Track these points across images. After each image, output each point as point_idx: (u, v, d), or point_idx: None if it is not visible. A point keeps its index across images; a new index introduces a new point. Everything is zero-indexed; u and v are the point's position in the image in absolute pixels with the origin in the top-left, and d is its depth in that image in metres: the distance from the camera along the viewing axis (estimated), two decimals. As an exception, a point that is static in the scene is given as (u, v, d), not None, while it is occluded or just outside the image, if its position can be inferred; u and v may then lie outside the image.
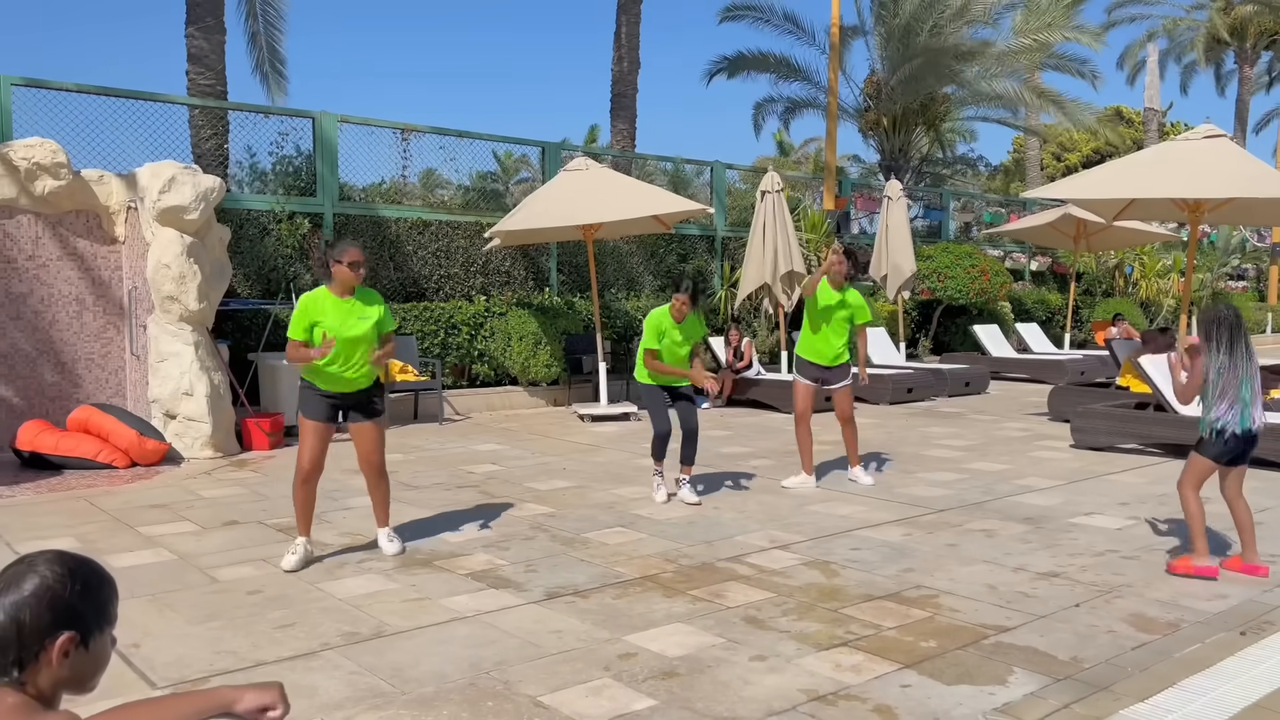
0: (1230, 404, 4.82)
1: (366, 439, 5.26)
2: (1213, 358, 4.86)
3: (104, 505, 6.57)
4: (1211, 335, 4.88)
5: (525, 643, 4.01)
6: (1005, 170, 47.50)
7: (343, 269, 5.02)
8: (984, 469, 7.88)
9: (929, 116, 19.92)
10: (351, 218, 11.24)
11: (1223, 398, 4.83)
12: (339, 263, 5.02)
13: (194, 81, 12.63)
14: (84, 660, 1.63)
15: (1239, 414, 4.82)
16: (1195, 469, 4.96)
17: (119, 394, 8.76)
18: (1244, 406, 4.82)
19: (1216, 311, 4.93)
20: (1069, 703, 3.42)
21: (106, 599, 1.67)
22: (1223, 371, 4.83)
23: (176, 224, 8.36)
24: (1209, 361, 4.87)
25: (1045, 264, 21.33)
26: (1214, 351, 4.86)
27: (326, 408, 5.13)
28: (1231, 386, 4.82)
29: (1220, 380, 4.84)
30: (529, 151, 14.31)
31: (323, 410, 5.12)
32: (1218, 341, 4.85)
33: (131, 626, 4.19)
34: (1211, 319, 4.91)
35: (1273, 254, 26.46)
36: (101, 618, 1.66)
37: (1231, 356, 4.83)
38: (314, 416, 5.11)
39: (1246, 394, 4.83)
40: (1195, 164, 8.65)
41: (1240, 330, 4.88)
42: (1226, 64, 38.55)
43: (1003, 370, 15.28)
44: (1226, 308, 4.95)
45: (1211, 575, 4.84)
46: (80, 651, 1.62)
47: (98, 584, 1.66)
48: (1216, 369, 4.84)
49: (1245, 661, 3.80)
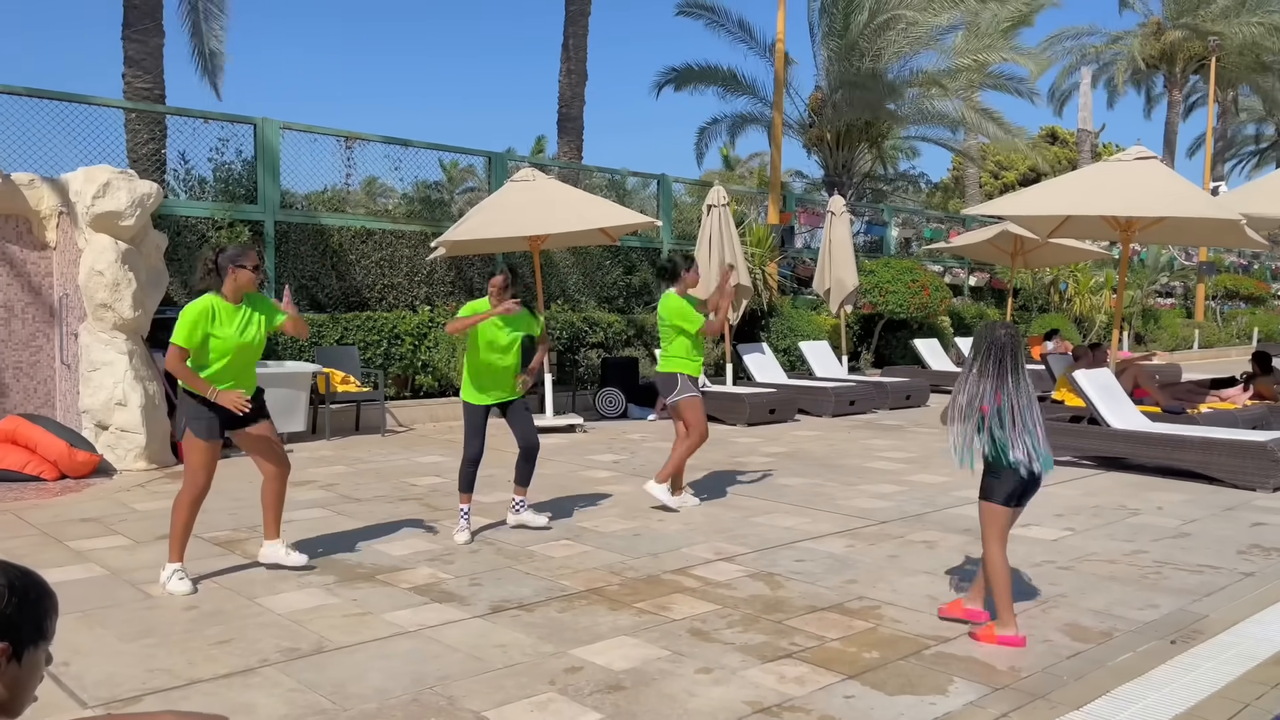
0: (1023, 438, 4.18)
1: (266, 434, 5.04)
2: (980, 380, 4.21)
3: (32, 519, 6.37)
4: (978, 355, 4.22)
5: (469, 657, 3.97)
6: (945, 187, 48.49)
7: (246, 273, 4.82)
8: (925, 481, 8.00)
9: (871, 134, 20.26)
10: (293, 226, 11.07)
11: (1016, 428, 4.17)
12: (242, 267, 4.80)
13: (130, 85, 12.36)
14: (15, 675, 1.58)
15: (1012, 448, 4.18)
16: (992, 521, 4.22)
17: (48, 404, 8.51)
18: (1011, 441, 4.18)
19: (985, 330, 4.25)
20: (1007, 711, 3.48)
21: (45, 613, 1.62)
22: (990, 399, 4.17)
23: (111, 230, 8.16)
24: (977, 385, 4.22)
25: (983, 280, 21.78)
26: (983, 374, 4.20)
27: (218, 425, 4.85)
28: (1022, 417, 4.17)
29: (977, 401, 4.21)
30: (475, 161, 14.24)
31: (215, 428, 4.83)
32: (983, 362, 4.20)
33: (61, 644, 4.06)
34: (978, 338, 4.26)
35: (1199, 272, 27.33)
36: (38, 633, 1.60)
37: (999, 378, 4.17)
38: (207, 435, 4.80)
39: (1010, 426, 4.17)
40: (1127, 184, 8.91)
41: (1009, 350, 4.18)
42: (1155, 87, 39.84)
43: (942, 383, 15.54)
44: (997, 326, 4.23)
45: (1018, 645, 4.12)
46: (12, 665, 1.57)
47: (37, 597, 1.61)
48: (973, 387, 4.22)
49: (1176, 669, 3.90)
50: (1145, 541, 6.00)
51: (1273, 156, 44.41)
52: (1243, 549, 5.86)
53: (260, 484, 5.29)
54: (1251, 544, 5.99)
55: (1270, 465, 7.62)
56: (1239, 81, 37.60)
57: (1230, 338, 26.13)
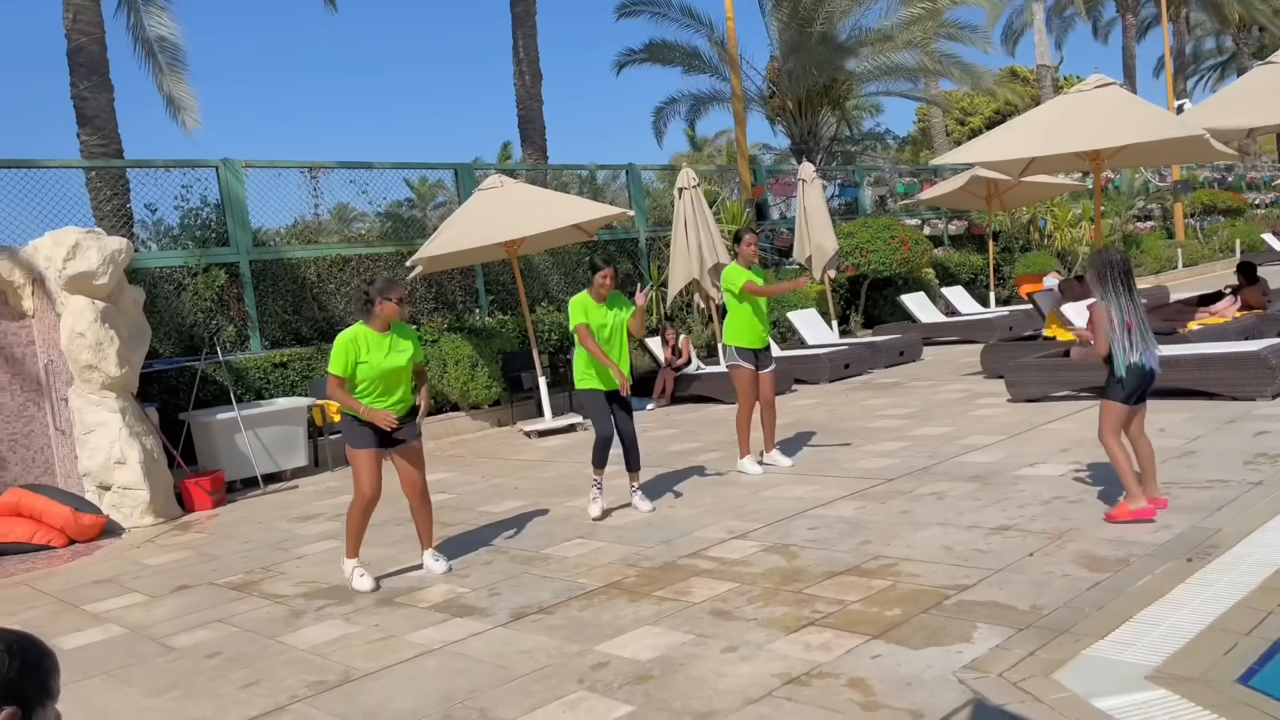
0: (1136, 342, 4.90)
1: (411, 461, 5.46)
2: (1111, 300, 4.91)
3: (45, 588, 6.36)
4: (1105, 278, 4.93)
5: (496, 667, 3.98)
6: (913, 140, 48.48)
7: (391, 305, 5.29)
8: (927, 434, 8.02)
9: (833, 96, 20.22)
10: (268, 263, 11.04)
11: (1128, 337, 4.89)
12: (388, 300, 5.28)
13: (86, 144, 12.30)
14: None
15: (1147, 349, 4.90)
16: (1111, 416, 4.99)
17: (48, 472, 8.48)
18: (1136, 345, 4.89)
19: (1107, 256, 4.98)
20: (1034, 650, 3.50)
21: (48, 673, 1.62)
22: (1125, 312, 4.90)
23: (86, 291, 8.12)
24: (1108, 304, 4.92)
25: (962, 227, 21.79)
26: (1110, 294, 4.92)
27: (373, 436, 5.32)
28: (1134, 325, 4.89)
29: (1123, 321, 4.90)
30: (443, 176, 14.19)
31: (371, 438, 5.32)
32: (1115, 283, 4.91)
33: (88, 709, 4.06)
34: (1104, 263, 4.95)
35: (1175, 191, 27.36)
36: (43, 692, 1.60)
37: (1130, 296, 4.91)
38: (364, 445, 5.31)
39: (1144, 331, 4.92)
40: (1090, 114, 8.91)
41: (1130, 272, 4.94)
42: (1105, 15, 39.82)
43: (934, 335, 15.56)
44: (1115, 251, 5.02)
45: (1148, 517, 4.87)
46: None
47: (37, 658, 1.61)
48: (1119, 311, 4.90)
49: (1195, 587, 3.92)
50: (1151, 465, 6.02)
51: (1235, 66, 44.46)
52: (1249, 459, 5.89)
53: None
54: (1257, 453, 6.02)
55: (1266, 373, 7.65)
56: (1190, -1, 37.66)
57: (1213, 253, 26.18)
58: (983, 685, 3.26)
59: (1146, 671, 3.21)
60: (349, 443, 5.37)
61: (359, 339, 5.26)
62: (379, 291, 5.30)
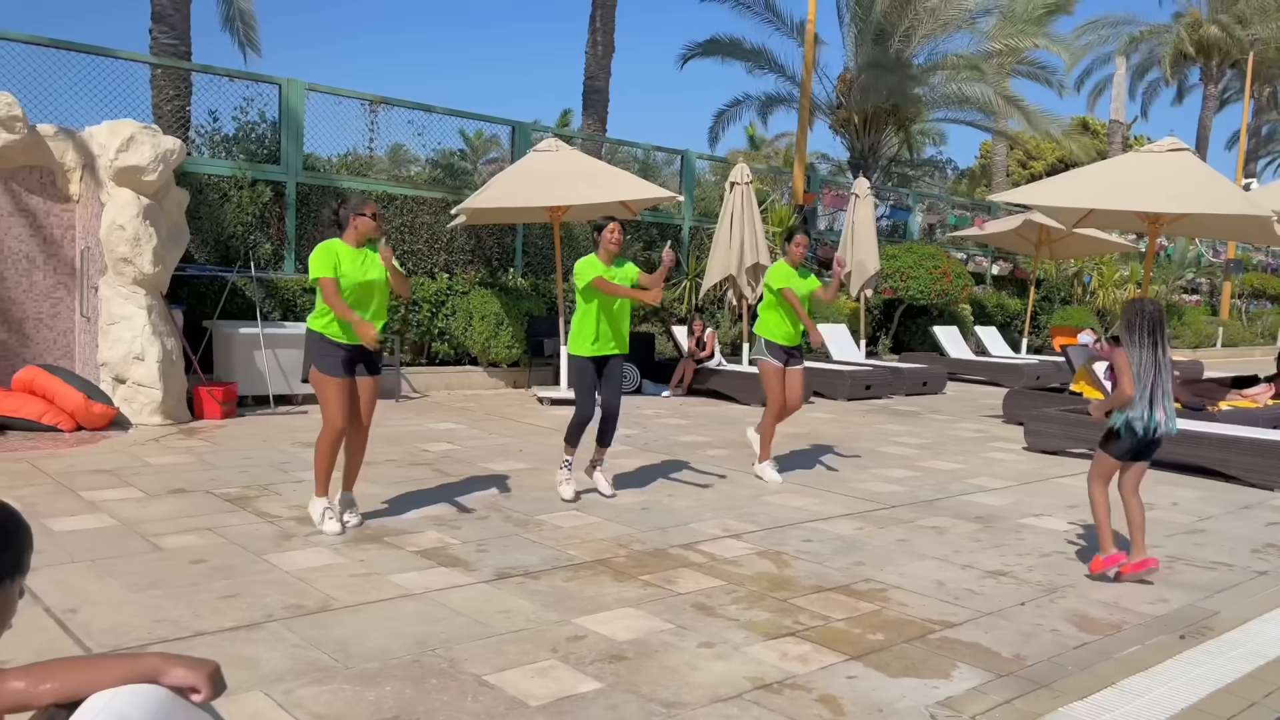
0: (1146, 400, 4.77)
1: (369, 394, 5.31)
2: (1134, 351, 4.78)
3: (47, 468, 6.42)
4: (1134, 328, 4.79)
5: (473, 621, 3.98)
6: (972, 175, 47.99)
7: (366, 220, 5.17)
8: (937, 467, 7.95)
9: (899, 117, 20.03)
10: (314, 188, 11.07)
11: (1145, 393, 4.77)
12: (361, 215, 5.17)
13: (157, 40, 12.33)
14: None
15: (1152, 412, 4.77)
16: (1102, 467, 4.96)
17: (67, 356, 8.56)
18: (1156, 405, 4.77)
19: (1140, 305, 4.83)
20: (1010, 698, 3.46)
21: (21, 547, 1.60)
22: (1144, 366, 4.76)
23: (133, 185, 8.17)
24: (1131, 354, 4.79)
25: (1007, 269, 21.59)
26: (1135, 345, 4.78)
27: (344, 363, 5.15)
28: (1149, 383, 4.76)
29: (1141, 375, 4.76)
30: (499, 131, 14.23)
31: (341, 366, 5.15)
32: (1140, 334, 4.78)
33: (69, 591, 4.10)
34: (1135, 312, 4.82)
35: (1226, 270, 27.00)
36: (14, 565, 1.58)
37: (1154, 352, 4.78)
38: (335, 373, 5.14)
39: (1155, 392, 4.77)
40: (1157, 176, 8.77)
41: (1162, 326, 4.81)
42: (1189, 80, 39.20)
43: (960, 372, 15.45)
44: (1149, 302, 4.85)
45: (1116, 563, 4.87)
46: None
47: (14, 530, 1.58)
48: (1139, 363, 4.77)
49: (1184, 664, 3.86)
50: (1159, 536, 5.94)
51: (1307, 154, 43.72)
52: (1257, 548, 5.80)
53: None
54: (1266, 543, 5.93)
55: (1289, 465, 7.53)
56: (1276, 79, 36.98)
57: (1254, 337, 25.83)
58: (954, 724, 3.23)
59: (1121, 740, 3.17)
60: (318, 366, 5.14)
61: (335, 249, 5.14)
62: (354, 209, 5.19)
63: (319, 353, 5.15)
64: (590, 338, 6.14)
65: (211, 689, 1.61)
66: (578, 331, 6.19)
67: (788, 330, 7.15)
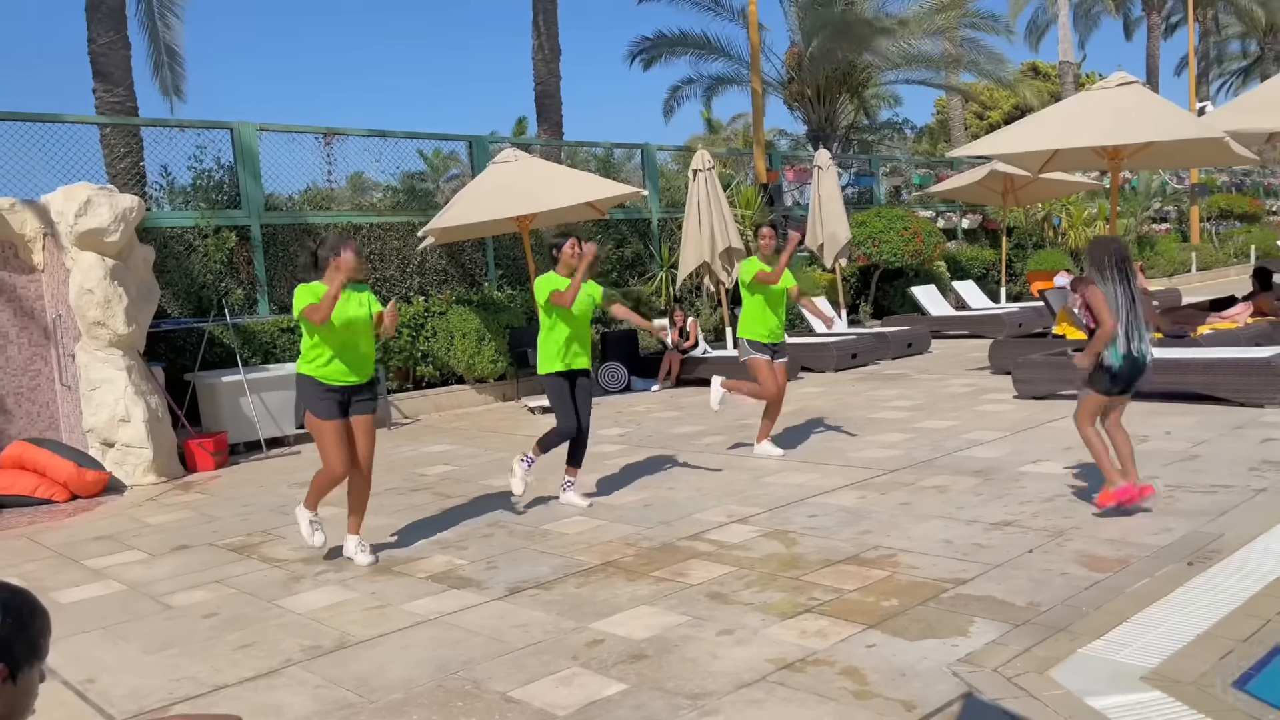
0: (1131, 333, 4.88)
1: (366, 433, 5.23)
2: (1107, 287, 4.89)
3: (47, 541, 6.39)
4: (1104, 265, 4.90)
5: (491, 640, 3.98)
6: (930, 132, 48.16)
7: (348, 257, 4.97)
8: (932, 427, 7.99)
9: (852, 84, 20.09)
10: (279, 227, 11.02)
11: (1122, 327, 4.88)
12: (340, 254, 4.98)
13: (102, 99, 12.25)
14: (11, 694, 1.57)
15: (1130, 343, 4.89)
16: (1088, 405, 5.07)
17: (52, 427, 8.51)
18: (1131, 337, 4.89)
19: (1105, 243, 4.97)
20: (1029, 646, 3.49)
21: (39, 632, 1.61)
22: (1119, 300, 4.87)
23: (96, 247, 8.12)
24: (1105, 290, 4.88)
25: (976, 221, 21.68)
26: (1107, 281, 4.89)
27: (335, 405, 5.10)
28: (1125, 316, 4.87)
29: (1118, 310, 4.87)
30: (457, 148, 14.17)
31: (334, 408, 5.09)
32: (1110, 271, 4.89)
33: (85, 662, 4.08)
34: (1102, 250, 4.94)
35: (1192, 195, 27.17)
36: (32, 652, 1.59)
37: (1126, 285, 4.89)
38: (330, 415, 5.08)
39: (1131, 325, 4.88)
40: (1112, 112, 8.84)
41: (1128, 261, 4.94)
42: (1134, 13, 39.44)
43: (943, 329, 15.51)
44: (1112, 239, 5.00)
45: (1129, 497, 4.95)
46: (8, 685, 1.56)
47: (30, 616, 1.59)
48: (1114, 298, 4.87)
49: (1194, 591, 3.91)
50: (1156, 467, 6.00)
51: (1259, 71, 44.03)
52: (1254, 466, 5.86)
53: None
54: (1262, 460, 5.99)
55: (1275, 380, 7.61)
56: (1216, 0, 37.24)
57: (1228, 258, 26.03)
58: (977, 679, 3.26)
59: (1142, 673, 3.20)
60: (309, 409, 5.06)
61: (315, 289, 5.04)
62: (331, 248, 5.03)
63: (311, 396, 5.09)
64: (559, 354, 6.10)
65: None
66: (545, 350, 6.16)
67: (769, 325, 7.16)
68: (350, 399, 5.15)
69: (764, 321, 7.15)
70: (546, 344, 6.14)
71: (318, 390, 5.08)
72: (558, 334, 6.09)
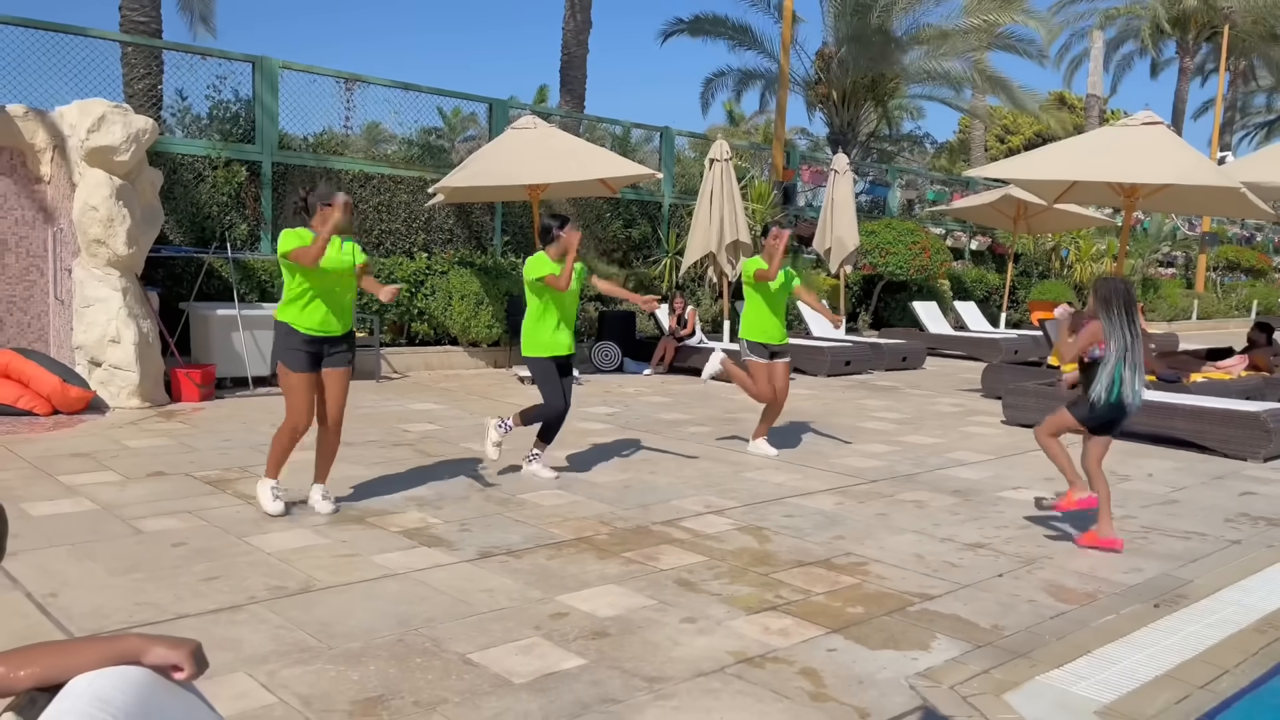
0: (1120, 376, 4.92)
1: (336, 387, 5.16)
2: (1110, 327, 4.93)
3: (23, 452, 6.37)
4: (1110, 305, 4.94)
5: (456, 600, 3.99)
6: (950, 149, 48.09)
7: (332, 210, 4.91)
8: (916, 442, 8.01)
9: (878, 93, 20.04)
10: (291, 167, 10.97)
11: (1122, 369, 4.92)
12: (329, 205, 4.93)
13: (127, 18, 12.16)
14: None
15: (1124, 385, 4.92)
16: (1057, 422, 5.12)
17: (41, 339, 8.47)
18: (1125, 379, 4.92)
19: (1113, 283, 5.02)
20: (989, 668, 3.50)
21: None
22: (1120, 340, 4.92)
23: (106, 165, 8.07)
24: (1108, 330, 4.93)
25: (985, 244, 21.68)
26: (1111, 321, 4.93)
27: (308, 357, 5.03)
28: (1122, 356, 4.91)
29: (1115, 349, 4.92)
30: (476, 109, 14.06)
31: (305, 360, 5.02)
32: (1115, 310, 4.93)
33: (49, 575, 4.08)
34: (1110, 290, 4.98)
35: (1202, 243, 27.21)
36: None
37: (1129, 326, 4.93)
38: (299, 367, 5.01)
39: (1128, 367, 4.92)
40: (1133, 150, 8.82)
41: (1133, 302, 4.98)
42: (1165, 53, 39.34)
43: (939, 347, 15.53)
44: (1120, 280, 5.04)
45: (1093, 505, 5.02)
46: None
47: None
48: (1117, 338, 4.92)
49: (1157, 633, 3.93)
50: (1134, 507, 6.02)
51: (1282, 128, 44.03)
52: (1230, 517, 5.89)
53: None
54: (1239, 512, 6.02)
55: (1262, 435, 7.64)
56: (1251, 51, 37.14)
57: (1229, 310, 26.09)
58: (933, 695, 3.27)
59: (1096, 707, 3.22)
60: (282, 360, 5.03)
61: (304, 234, 5.00)
62: (321, 197, 5.00)
63: (284, 345, 5.04)
64: (550, 340, 6.09)
65: (194, 667, 1.60)
66: (534, 334, 6.11)
67: (767, 326, 7.12)
68: (324, 350, 5.09)
69: (762, 322, 7.12)
70: (537, 329, 6.09)
71: (292, 340, 5.02)
72: (549, 318, 6.07)
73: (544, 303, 6.07)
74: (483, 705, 3.09)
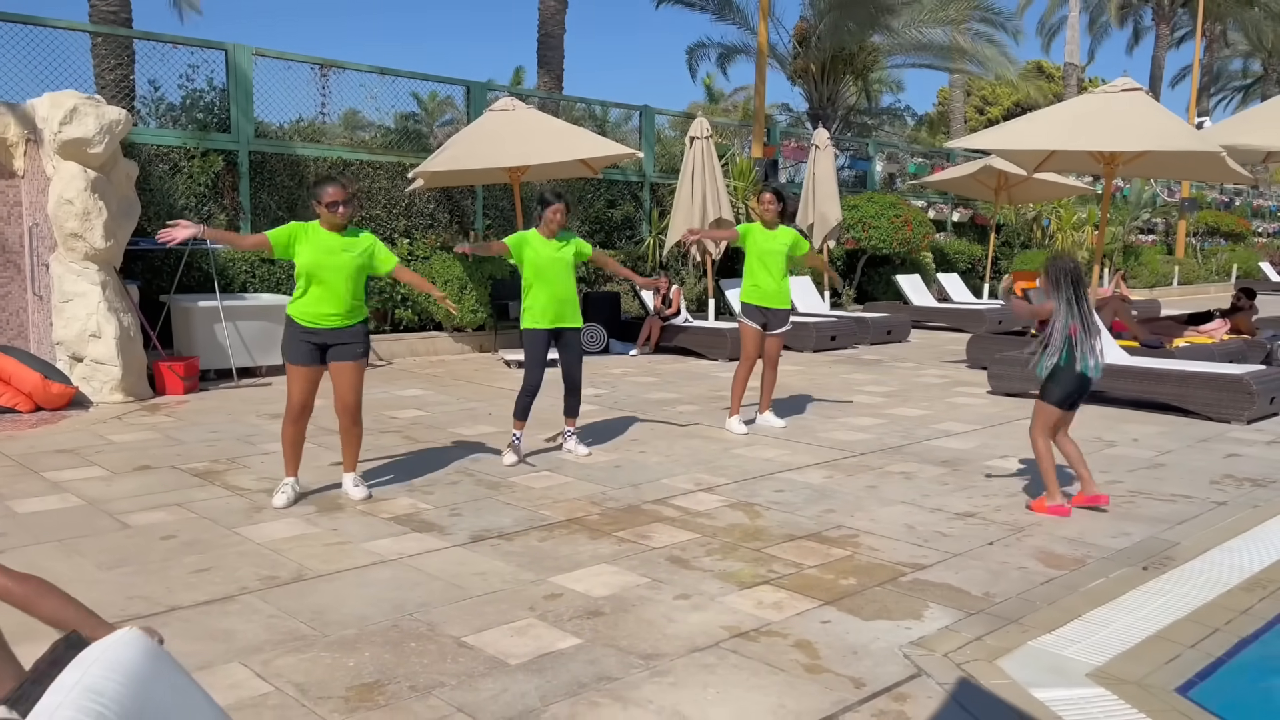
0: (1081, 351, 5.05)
1: (341, 379, 5.19)
2: (1060, 306, 5.06)
3: (7, 450, 6.31)
4: (1059, 285, 5.06)
5: (449, 585, 3.98)
6: (930, 121, 48.09)
7: (320, 209, 5.05)
8: (904, 414, 8.04)
9: (857, 65, 20.00)
10: (268, 156, 10.86)
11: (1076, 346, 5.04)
12: (318, 203, 5.05)
13: (96, 8, 11.99)
14: None
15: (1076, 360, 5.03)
16: (1043, 417, 5.19)
17: (21, 336, 8.38)
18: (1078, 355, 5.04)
19: (1061, 263, 5.14)
20: (981, 635, 3.53)
21: None
22: (1072, 319, 5.04)
23: (79, 157, 7.96)
24: (1058, 308, 5.06)
25: (967, 215, 21.71)
26: (1061, 300, 5.06)
27: (308, 350, 5.09)
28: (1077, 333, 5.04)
29: (1067, 328, 5.04)
30: (454, 93, 13.97)
31: (304, 353, 5.09)
32: (1066, 289, 5.05)
33: (38, 572, 4.01)
34: (1058, 270, 5.09)
35: (1181, 208, 27.33)
36: None
37: (1077, 305, 5.05)
38: (297, 361, 5.10)
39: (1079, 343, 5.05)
40: (1112, 117, 8.83)
41: (1081, 281, 5.10)
42: (1143, 21, 39.41)
43: (924, 319, 15.57)
44: (1069, 259, 5.19)
45: (1064, 514, 5.08)
46: None
47: None
48: (1065, 318, 5.05)
49: (1146, 595, 3.96)
50: (1120, 472, 6.07)
51: (1259, 91, 44.17)
52: (1216, 479, 5.94)
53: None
54: (1225, 474, 6.07)
55: (1245, 398, 7.70)
56: (1226, 15, 37.21)
57: (1209, 274, 26.24)
58: (927, 663, 3.30)
59: (1088, 669, 3.25)
60: (286, 357, 5.14)
61: (308, 228, 5.09)
62: (313, 194, 5.12)
63: (287, 337, 5.15)
64: (538, 311, 6.20)
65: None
66: (527, 306, 6.26)
67: (765, 289, 7.16)
68: (329, 344, 5.13)
69: (759, 284, 7.18)
70: (527, 301, 6.25)
71: (294, 331, 5.11)
72: (536, 293, 6.20)
73: (530, 278, 6.20)
74: (479, 687, 3.09)
